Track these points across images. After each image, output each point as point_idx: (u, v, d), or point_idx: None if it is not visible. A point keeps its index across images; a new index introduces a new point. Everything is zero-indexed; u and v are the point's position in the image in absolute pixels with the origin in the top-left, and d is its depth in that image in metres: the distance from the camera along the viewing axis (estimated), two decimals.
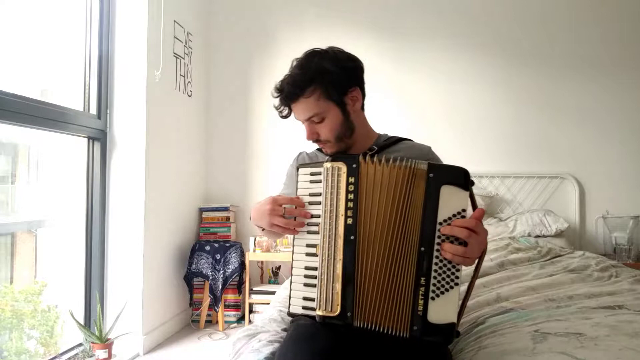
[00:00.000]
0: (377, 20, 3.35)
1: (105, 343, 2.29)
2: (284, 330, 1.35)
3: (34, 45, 2.29)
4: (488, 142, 3.28)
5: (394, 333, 0.99)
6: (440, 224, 0.99)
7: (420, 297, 0.98)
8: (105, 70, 2.55)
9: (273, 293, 2.84)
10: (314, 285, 1.03)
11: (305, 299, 1.04)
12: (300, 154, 1.45)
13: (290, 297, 1.06)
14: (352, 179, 1.02)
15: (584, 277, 1.84)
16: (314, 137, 1.23)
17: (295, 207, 1.08)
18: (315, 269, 1.03)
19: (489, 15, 3.31)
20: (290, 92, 1.19)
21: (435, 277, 0.98)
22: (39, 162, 2.51)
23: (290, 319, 1.42)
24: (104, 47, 2.53)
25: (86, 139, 2.49)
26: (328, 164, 1.04)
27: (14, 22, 2.16)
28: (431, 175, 1.00)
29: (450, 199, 0.99)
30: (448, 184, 0.99)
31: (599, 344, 1.04)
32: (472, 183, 1.01)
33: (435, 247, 0.99)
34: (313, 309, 1.02)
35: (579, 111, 3.23)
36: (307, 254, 1.05)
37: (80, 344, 2.41)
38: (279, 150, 3.41)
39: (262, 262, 3.28)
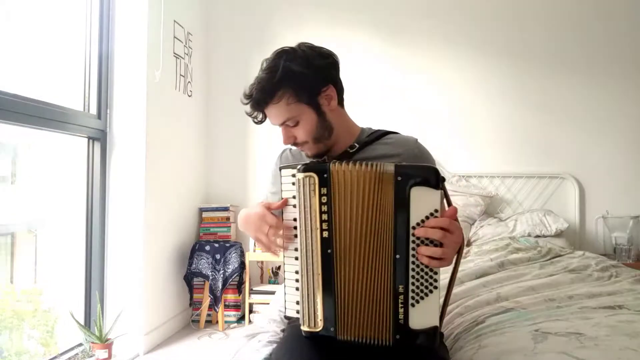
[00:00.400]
0: (377, 21, 3.35)
1: (105, 343, 2.29)
2: (283, 331, 1.35)
3: (34, 45, 2.29)
4: (488, 142, 3.28)
5: (377, 343, 0.98)
6: (414, 227, 0.94)
7: (400, 305, 0.95)
8: (105, 70, 2.55)
9: (273, 293, 2.84)
10: None
11: (298, 303, 1.03)
12: (283, 151, 1.38)
13: (285, 301, 1.06)
14: (324, 190, 0.97)
15: (584, 277, 1.84)
16: (290, 140, 1.18)
17: (282, 231, 1.04)
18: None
19: (489, 16, 3.31)
20: (258, 99, 1.15)
21: (413, 284, 0.95)
22: (39, 162, 2.51)
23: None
24: (104, 47, 2.53)
25: (86, 139, 2.49)
26: (300, 174, 0.98)
27: (14, 22, 2.16)
28: (399, 178, 0.94)
29: (422, 201, 0.93)
30: (418, 185, 0.93)
31: (599, 344, 1.04)
32: (443, 180, 0.95)
33: (411, 252, 0.95)
34: None
35: (579, 111, 3.23)
36: (297, 258, 1.02)
37: (80, 344, 2.41)
38: (279, 150, 3.39)
39: (262, 262, 3.28)
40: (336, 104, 1.19)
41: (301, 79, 1.12)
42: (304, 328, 1.01)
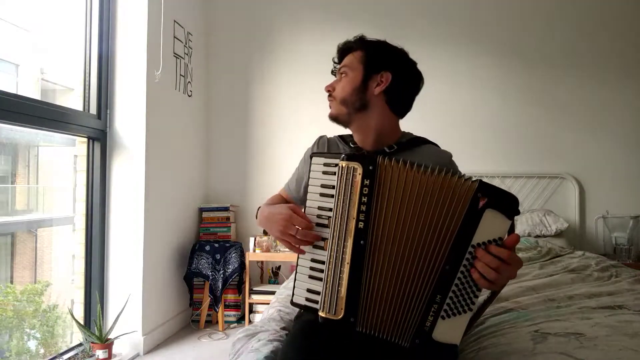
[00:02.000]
0: (378, 22, 3.35)
1: (105, 343, 2.29)
2: (284, 329, 1.35)
3: (34, 45, 2.29)
4: (488, 142, 3.28)
5: (394, 340, 0.98)
6: (473, 246, 0.94)
7: (432, 313, 0.96)
8: (105, 70, 2.55)
9: (273, 293, 2.84)
10: (320, 279, 1.02)
11: (309, 291, 1.02)
12: (321, 138, 1.39)
13: (294, 287, 1.05)
14: (367, 182, 0.97)
15: (584, 277, 1.84)
16: (330, 88, 1.29)
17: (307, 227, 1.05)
18: (322, 262, 1.02)
19: (489, 16, 3.32)
20: (350, 43, 1.30)
21: (451, 298, 0.95)
22: (39, 162, 2.51)
23: (290, 318, 1.42)
24: (104, 47, 2.53)
25: (86, 139, 2.49)
26: (343, 163, 0.99)
27: (14, 21, 2.16)
28: (479, 195, 0.94)
29: (491, 225, 0.93)
30: (493, 209, 0.93)
31: (599, 344, 1.04)
32: (518, 213, 0.95)
33: (461, 268, 0.94)
34: (316, 302, 1.01)
35: (579, 111, 3.23)
36: (315, 246, 1.03)
37: (80, 344, 2.41)
38: (279, 150, 3.41)
39: (262, 262, 3.28)
40: (381, 92, 1.24)
41: (376, 51, 1.26)
42: (322, 314, 0.99)
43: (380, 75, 1.23)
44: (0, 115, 1.87)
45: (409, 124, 1.43)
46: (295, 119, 3.36)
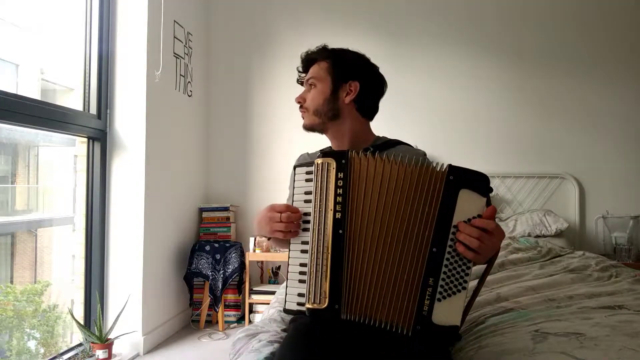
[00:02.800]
0: (377, 22, 3.35)
1: (105, 343, 2.29)
2: (284, 330, 1.35)
3: (34, 45, 2.29)
4: (488, 141, 3.28)
5: (394, 329, 1.00)
6: (455, 227, 0.99)
7: (427, 297, 0.98)
8: (105, 70, 2.55)
9: (273, 293, 2.84)
10: None
11: (300, 295, 1.04)
12: (301, 155, 1.48)
13: (286, 294, 1.07)
14: (341, 174, 1.03)
15: (584, 277, 1.84)
16: (301, 99, 1.34)
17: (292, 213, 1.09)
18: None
19: (490, 16, 3.31)
20: (312, 54, 1.34)
21: (443, 279, 0.98)
22: (39, 162, 2.51)
23: (290, 318, 1.43)
24: (104, 47, 2.53)
25: (86, 139, 2.49)
26: (319, 160, 1.05)
27: (14, 21, 2.16)
28: (451, 177, 1.00)
29: (467, 203, 0.99)
30: (466, 188, 0.99)
31: (599, 344, 1.04)
32: (491, 190, 1.02)
33: (447, 249, 0.99)
34: None
35: (579, 111, 3.23)
36: (302, 251, 1.06)
37: (80, 344, 2.41)
38: (279, 150, 3.41)
39: (262, 262, 3.28)
40: (351, 101, 1.31)
41: (344, 61, 1.32)
42: (308, 305, 1.01)
43: (349, 84, 1.30)
44: (0, 115, 1.88)
45: (409, 124, 1.44)
46: (295, 119, 3.34)
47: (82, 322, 2.40)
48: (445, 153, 3.23)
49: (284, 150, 3.38)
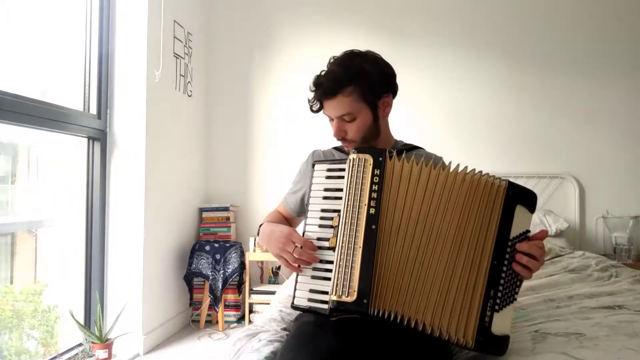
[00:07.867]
0: (377, 22, 3.35)
1: (105, 343, 2.29)
2: (284, 330, 1.35)
3: (34, 45, 2.29)
4: (488, 142, 3.28)
5: (452, 340, 0.98)
6: (511, 240, 1.02)
7: (488, 308, 1.00)
8: (105, 70, 2.55)
9: (273, 293, 2.84)
10: (323, 278, 1.02)
11: (312, 291, 1.02)
12: (314, 151, 1.44)
13: (295, 290, 1.05)
14: (377, 171, 1.02)
15: (584, 277, 1.84)
16: (341, 135, 1.26)
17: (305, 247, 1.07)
18: (325, 262, 1.03)
19: (490, 15, 3.32)
20: (328, 88, 1.21)
21: (501, 291, 1.01)
22: (39, 162, 2.51)
23: (290, 318, 1.42)
24: (104, 47, 2.53)
25: (86, 139, 2.49)
26: (354, 155, 1.04)
27: (14, 21, 2.16)
28: (510, 193, 1.03)
29: (520, 219, 1.03)
30: (521, 205, 1.04)
31: (599, 344, 1.04)
32: (536, 207, 1.07)
33: (504, 262, 1.02)
34: (320, 302, 1.01)
35: (579, 111, 3.23)
36: (319, 247, 1.05)
37: (80, 344, 2.41)
38: (279, 150, 3.41)
39: (262, 262, 3.28)
40: (388, 113, 1.30)
41: (371, 80, 1.21)
42: (334, 297, 0.98)
43: (382, 100, 1.26)
44: (0, 115, 1.87)
45: (408, 124, 1.44)
46: (296, 119, 3.36)
47: (82, 322, 2.40)
48: (446, 153, 3.21)
49: (284, 150, 3.38)
